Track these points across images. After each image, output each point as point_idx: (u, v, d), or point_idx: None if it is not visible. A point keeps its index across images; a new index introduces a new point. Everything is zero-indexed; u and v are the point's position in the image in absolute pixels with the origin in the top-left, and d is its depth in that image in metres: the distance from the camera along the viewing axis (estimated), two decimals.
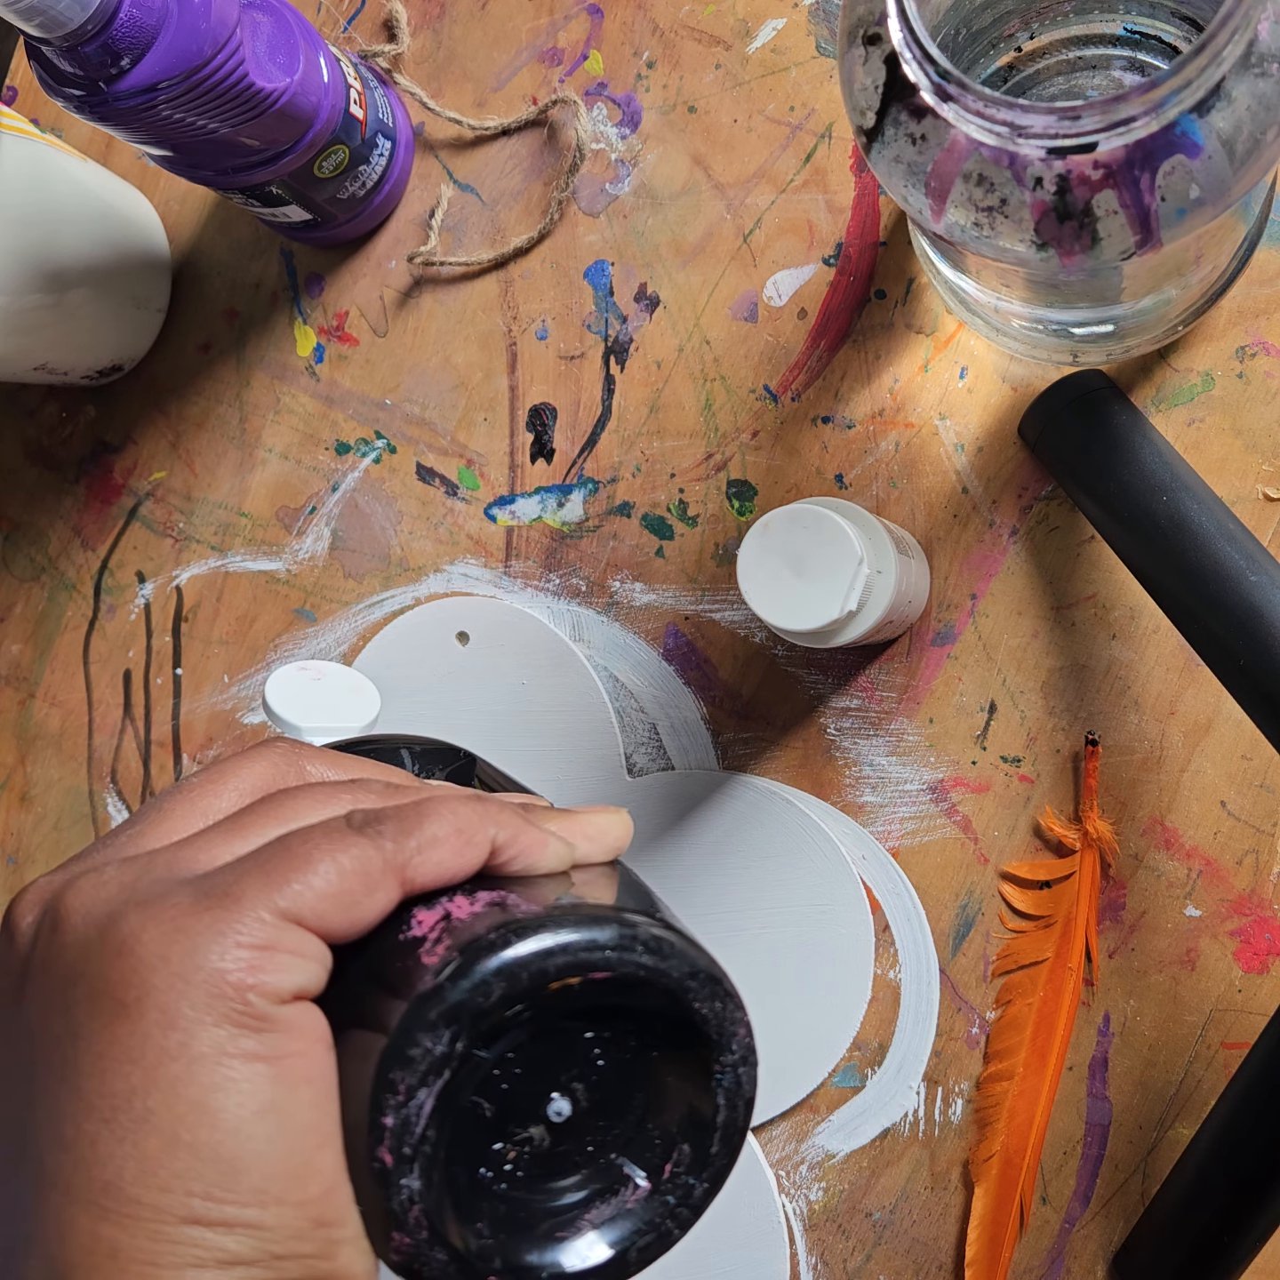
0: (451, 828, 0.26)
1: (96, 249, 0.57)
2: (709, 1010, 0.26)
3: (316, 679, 0.47)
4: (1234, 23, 0.28)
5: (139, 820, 0.28)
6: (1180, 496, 0.42)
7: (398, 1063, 0.24)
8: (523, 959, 0.24)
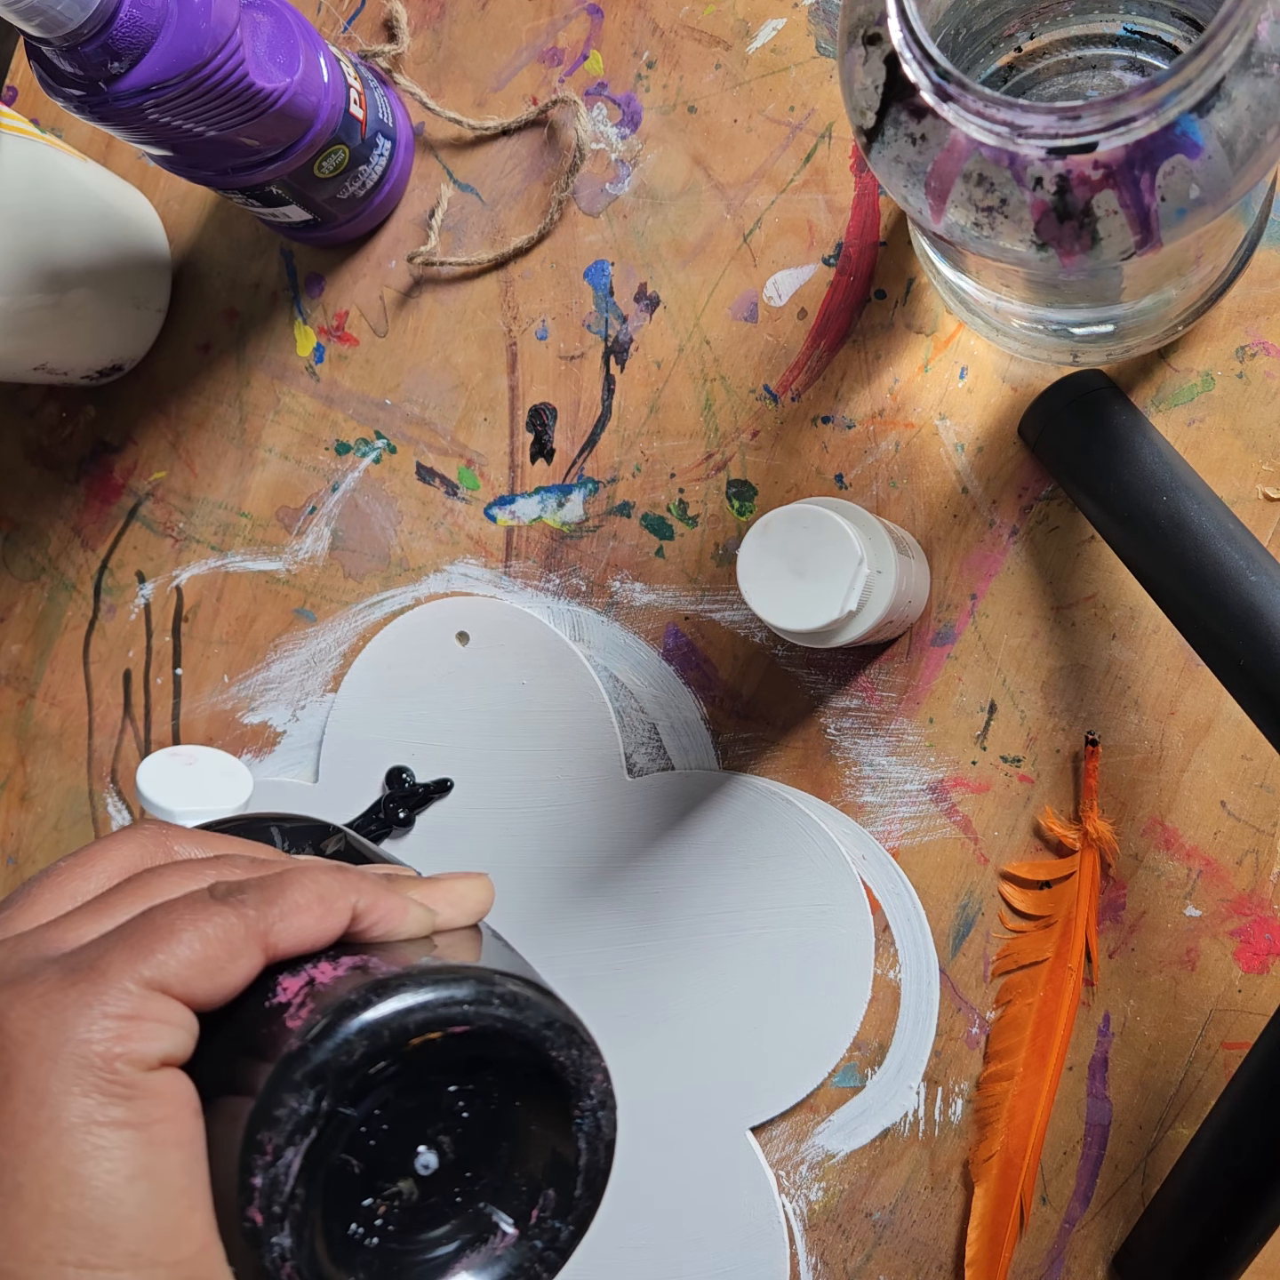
0: (313, 895, 0.27)
1: (96, 249, 0.57)
2: (566, 1058, 0.27)
3: (189, 764, 0.49)
4: (1234, 23, 0.28)
5: (6, 905, 0.29)
6: (1180, 496, 0.42)
7: (265, 1123, 0.24)
8: (384, 1018, 0.25)
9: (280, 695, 0.59)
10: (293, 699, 0.59)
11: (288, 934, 0.27)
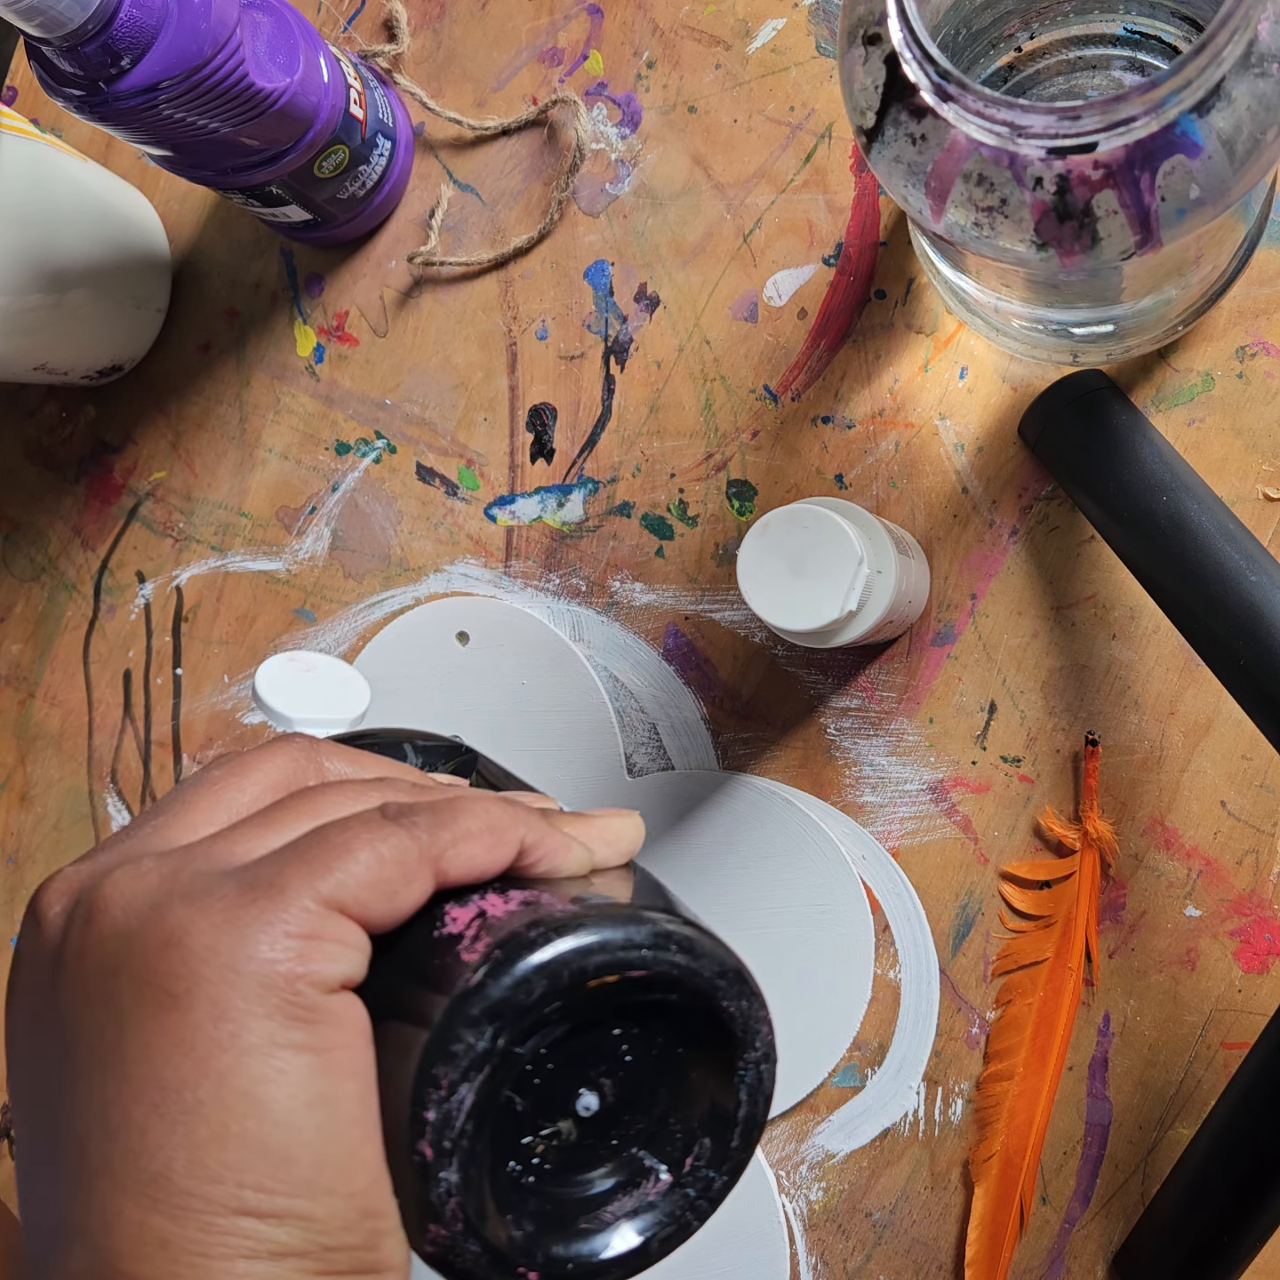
0: (484, 824, 0.27)
1: (96, 249, 0.57)
2: (736, 1009, 0.26)
3: (306, 670, 0.47)
4: (1234, 23, 0.28)
5: (162, 811, 0.28)
6: (1180, 496, 0.42)
7: (441, 1058, 0.24)
8: (563, 957, 0.25)
9: None
10: None
11: (458, 861, 0.26)
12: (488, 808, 0.27)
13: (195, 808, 0.28)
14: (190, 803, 0.28)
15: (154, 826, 0.27)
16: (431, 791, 0.29)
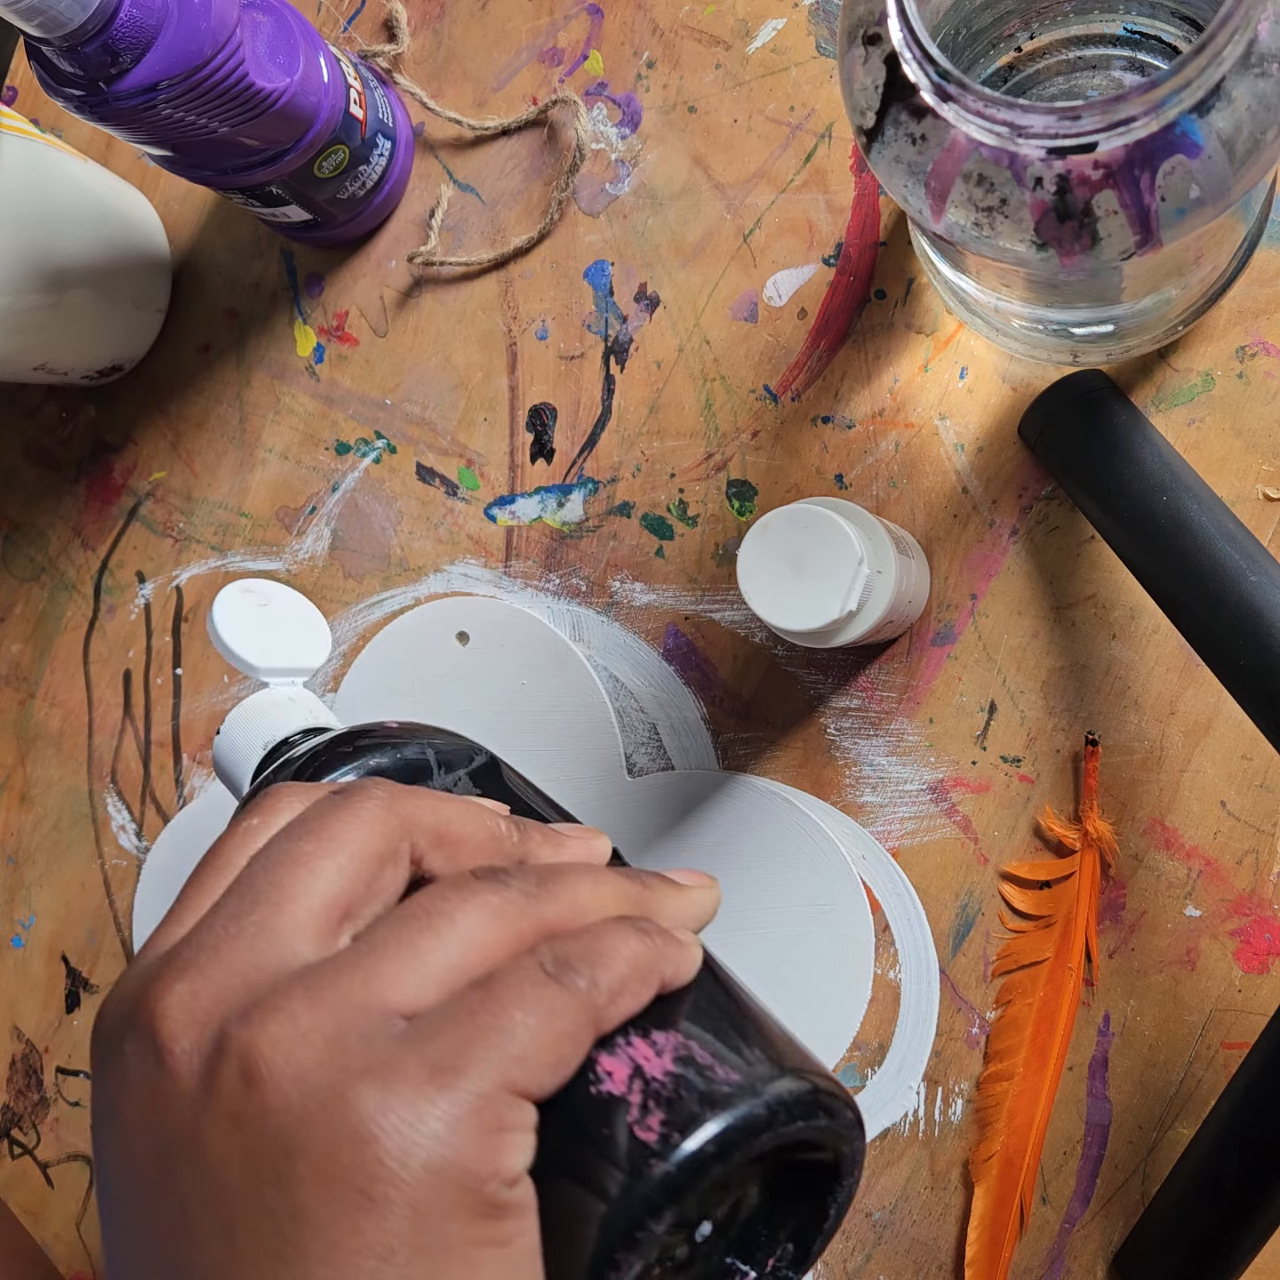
0: (630, 966, 0.26)
1: (96, 249, 0.57)
2: (849, 1149, 0.28)
3: (264, 604, 0.43)
4: (1234, 23, 0.28)
5: (256, 899, 0.26)
6: (1180, 496, 0.42)
7: (624, 1244, 0.25)
8: (738, 1142, 0.25)
9: None
10: None
11: (614, 1018, 0.26)
12: (627, 939, 0.27)
13: (294, 897, 0.26)
14: (286, 890, 0.26)
15: (255, 925, 0.26)
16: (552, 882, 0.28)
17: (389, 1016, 0.24)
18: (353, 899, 0.27)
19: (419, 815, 0.28)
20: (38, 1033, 0.63)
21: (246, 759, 0.39)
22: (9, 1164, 0.64)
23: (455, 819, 0.29)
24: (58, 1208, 0.63)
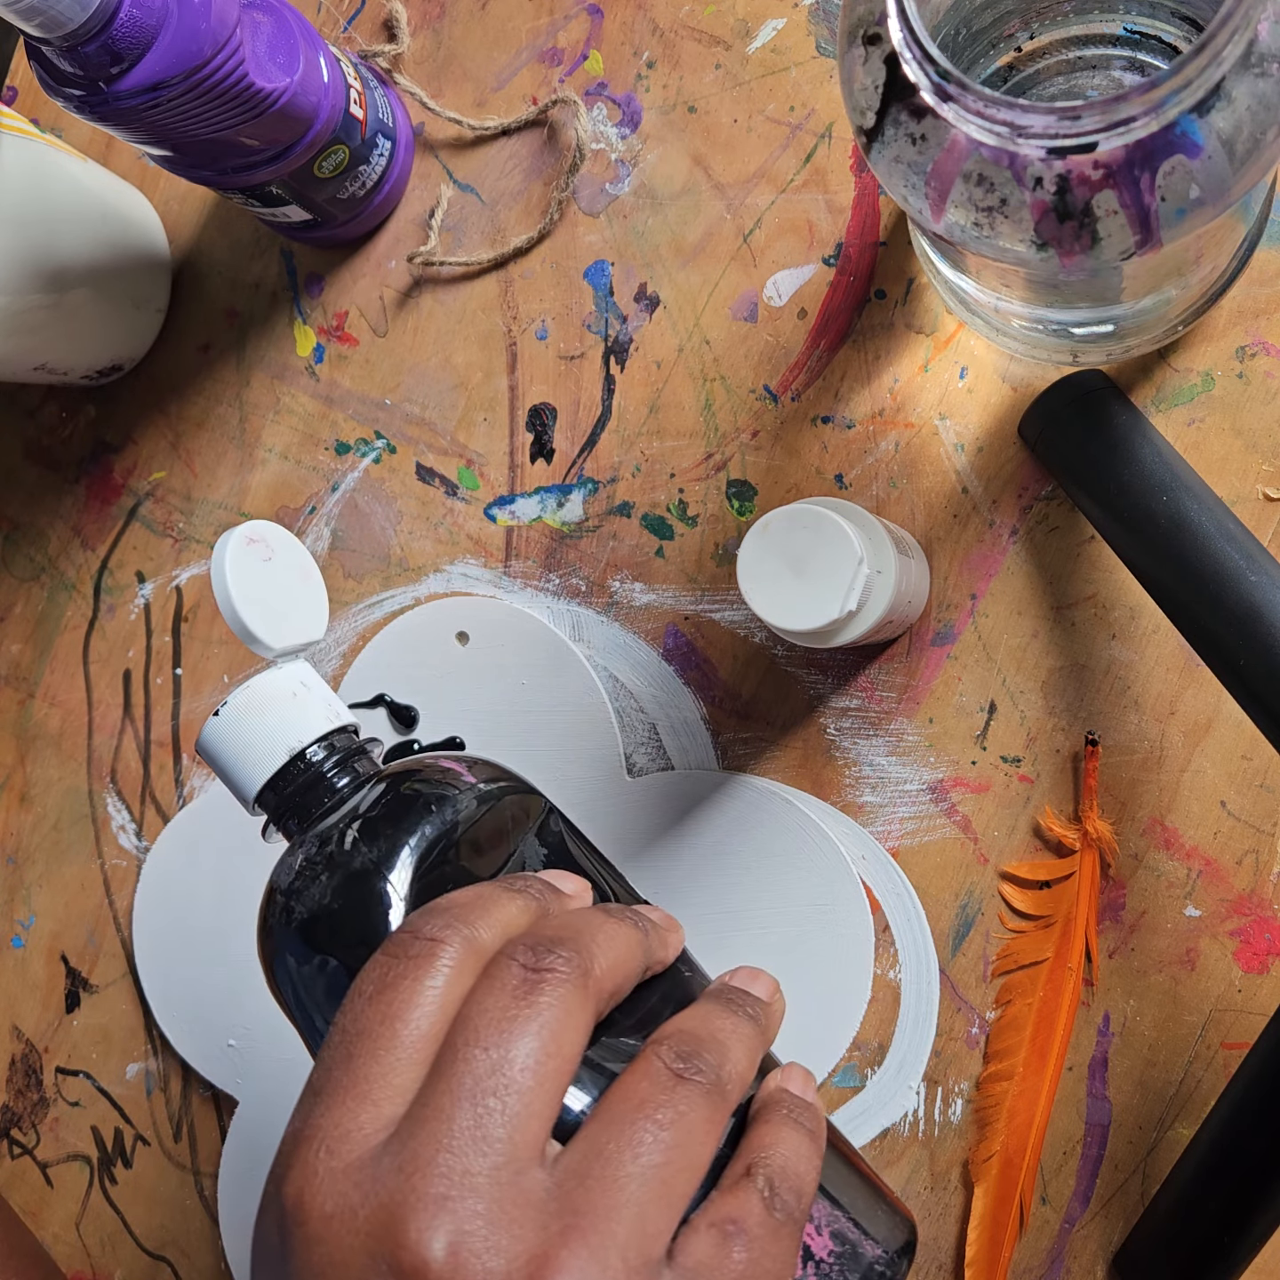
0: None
1: (96, 249, 0.57)
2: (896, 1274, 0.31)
3: (267, 560, 0.39)
4: (1234, 23, 0.28)
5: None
6: (1180, 496, 0.42)
7: None
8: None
9: None
10: None
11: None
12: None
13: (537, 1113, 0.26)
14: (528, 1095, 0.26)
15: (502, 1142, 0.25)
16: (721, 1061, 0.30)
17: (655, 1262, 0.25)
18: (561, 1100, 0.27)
19: (606, 982, 0.29)
20: (37, 1033, 0.63)
21: (260, 757, 0.37)
22: (8, 1164, 0.64)
23: (621, 961, 0.30)
24: (57, 1208, 0.63)
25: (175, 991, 0.60)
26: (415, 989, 0.27)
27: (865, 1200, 0.31)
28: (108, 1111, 0.62)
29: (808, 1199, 0.28)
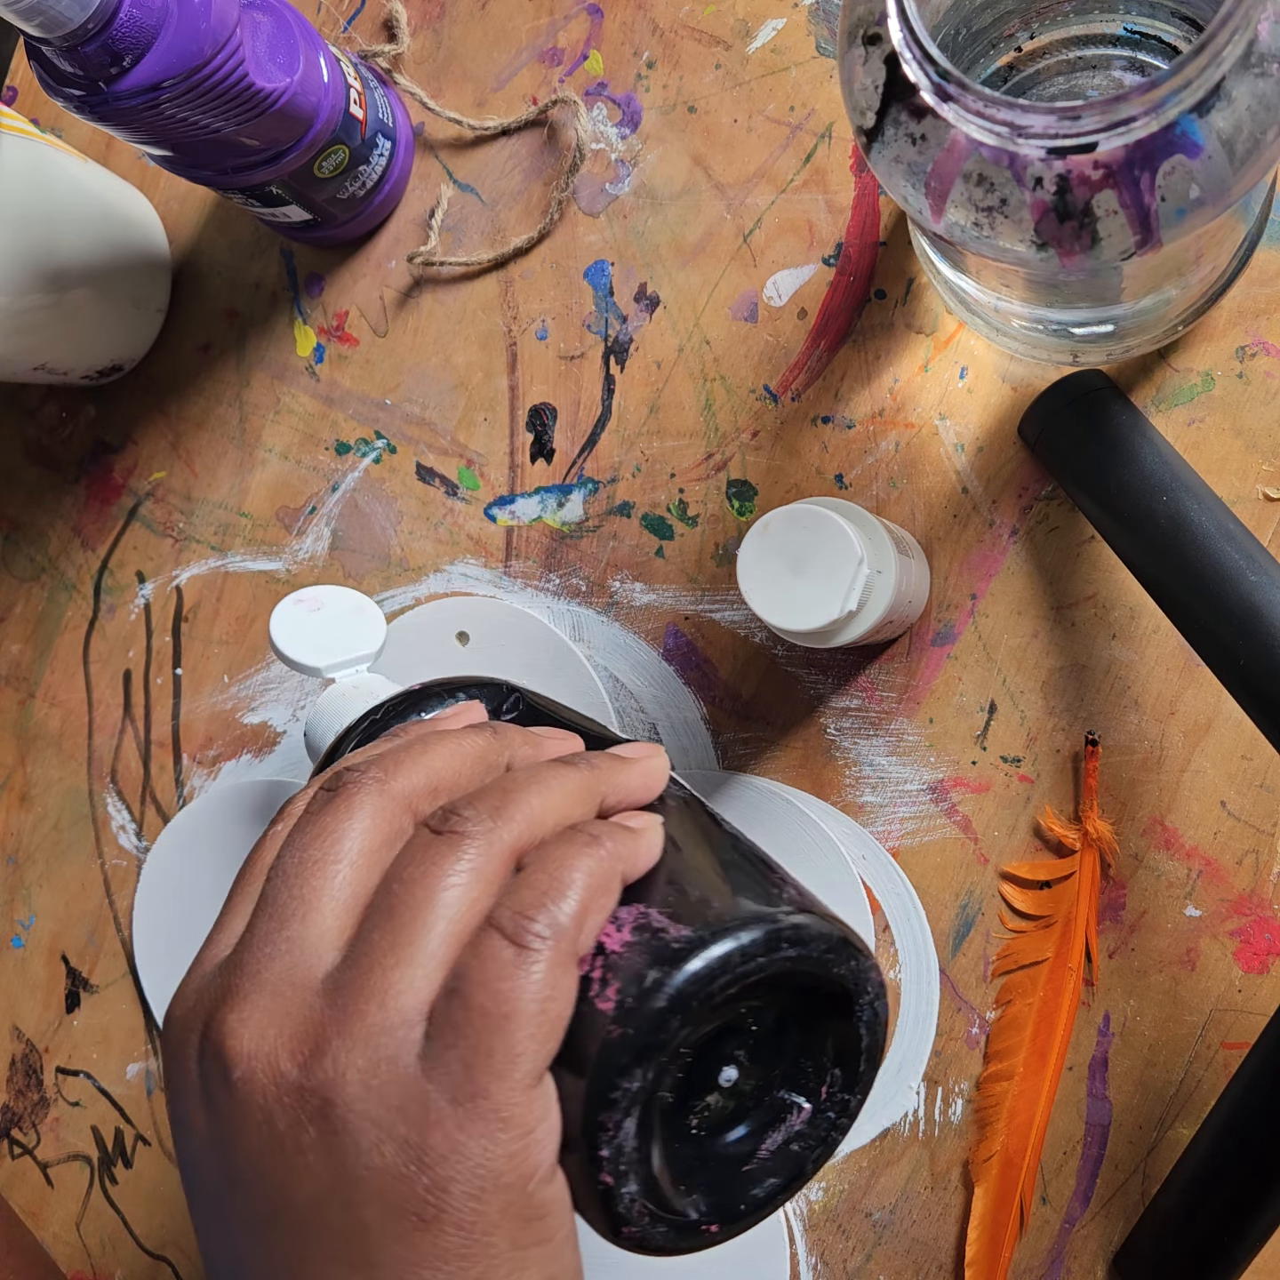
0: (588, 889, 0.28)
1: (96, 249, 0.57)
2: (845, 970, 0.29)
3: (315, 610, 0.46)
4: (1234, 23, 0.28)
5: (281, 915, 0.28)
6: (1180, 496, 0.42)
7: (603, 1107, 0.27)
8: (689, 991, 0.27)
9: (280, 695, 0.59)
10: (293, 699, 0.59)
11: (589, 941, 0.28)
12: (578, 861, 0.28)
13: (317, 906, 0.28)
14: (308, 900, 0.28)
15: (288, 941, 0.28)
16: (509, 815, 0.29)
17: (410, 1026, 0.27)
18: (368, 890, 0.29)
19: (411, 782, 0.30)
20: (38, 1033, 0.63)
21: (318, 757, 0.42)
22: (9, 1164, 0.64)
23: (442, 765, 0.31)
24: (57, 1208, 0.63)
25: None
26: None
27: (712, 894, 0.29)
28: (108, 1111, 0.62)
29: (571, 918, 0.27)
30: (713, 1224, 0.29)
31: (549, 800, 0.30)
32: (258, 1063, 0.27)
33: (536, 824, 0.29)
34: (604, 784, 0.32)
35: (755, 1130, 0.30)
